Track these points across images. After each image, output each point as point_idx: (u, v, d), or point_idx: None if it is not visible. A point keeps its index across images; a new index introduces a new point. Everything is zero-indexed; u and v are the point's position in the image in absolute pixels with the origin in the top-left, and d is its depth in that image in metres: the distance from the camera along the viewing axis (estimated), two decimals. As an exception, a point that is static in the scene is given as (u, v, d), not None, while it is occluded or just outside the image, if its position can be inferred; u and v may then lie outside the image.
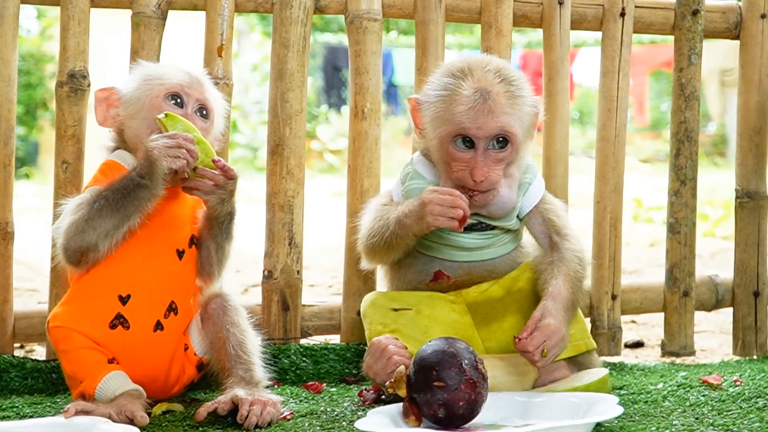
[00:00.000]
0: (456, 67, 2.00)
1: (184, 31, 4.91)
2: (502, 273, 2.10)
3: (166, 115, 1.91)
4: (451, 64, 2.04)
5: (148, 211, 1.89)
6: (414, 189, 2.08)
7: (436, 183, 2.06)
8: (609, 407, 1.67)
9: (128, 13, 2.33)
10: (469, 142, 1.96)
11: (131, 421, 1.77)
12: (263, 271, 2.39)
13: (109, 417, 1.76)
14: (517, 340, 1.86)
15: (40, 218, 6.11)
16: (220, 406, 1.84)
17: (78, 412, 1.76)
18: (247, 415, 1.80)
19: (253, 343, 2.00)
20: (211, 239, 2.03)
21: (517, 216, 2.09)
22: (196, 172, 1.90)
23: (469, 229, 2.04)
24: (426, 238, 2.07)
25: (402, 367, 1.71)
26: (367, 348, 2.02)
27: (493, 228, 2.07)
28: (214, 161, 1.91)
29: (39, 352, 2.69)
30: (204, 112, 2.05)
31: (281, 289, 2.38)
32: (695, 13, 2.55)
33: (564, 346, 1.90)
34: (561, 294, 1.95)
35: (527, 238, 2.18)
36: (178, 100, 2.02)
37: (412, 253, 2.11)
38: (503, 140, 1.96)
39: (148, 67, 2.11)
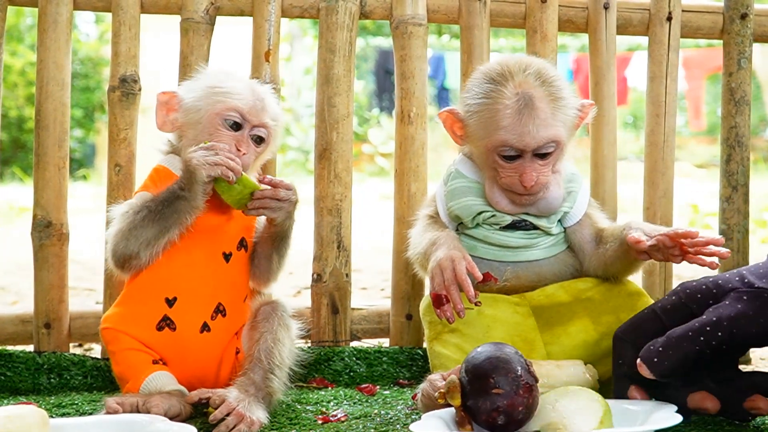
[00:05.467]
0: (495, 72, 1.99)
1: (233, 36, 4.97)
2: (551, 275, 2.08)
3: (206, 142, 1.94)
4: (489, 68, 2.03)
5: (188, 224, 1.92)
6: (456, 188, 2.09)
7: (478, 182, 2.07)
8: (668, 415, 1.63)
9: (178, 18, 2.38)
10: (514, 153, 1.97)
11: (173, 418, 1.79)
12: (312, 275, 2.42)
13: (136, 405, 1.79)
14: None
15: (97, 219, 6.21)
16: (212, 398, 1.82)
17: (115, 403, 1.79)
18: (219, 422, 1.78)
19: (283, 355, 1.98)
20: (274, 250, 2.06)
21: (559, 221, 2.09)
22: (255, 195, 1.93)
23: (514, 227, 2.04)
24: (471, 237, 2.08)
25: (454, 377, 1.68)
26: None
27: (536, 227, 2.06)
28: (261, 180, 1.94)
29: (97, 351, 2.75)
30: (259, 139, 2.05)
31: (330, 293, 2.41)
32: (744, 16, 2.52)
33: None
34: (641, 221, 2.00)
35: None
36: (235, 123, 2.02)
37: None
38: (549, 148, 1.97)
39: (215, 76, 2.10)
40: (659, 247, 1.85)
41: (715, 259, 1.81)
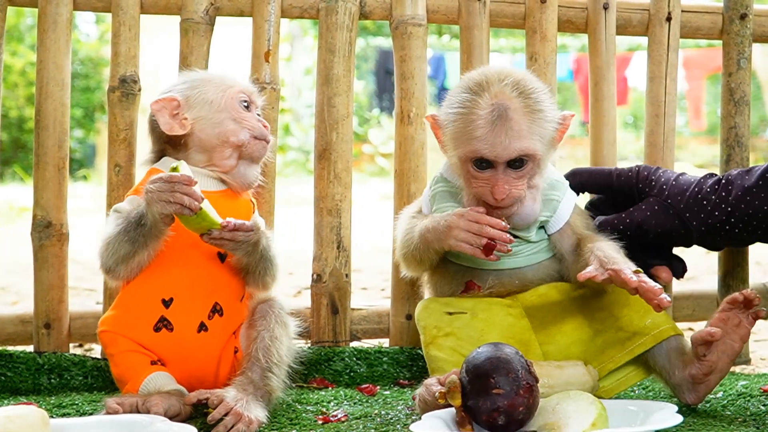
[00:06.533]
0: (473, 81, 1.97)
1: (233, 37, 4.97)
2: (536, 281, 2.08)
3: (175, 168, 1.87)
4: (470, 77, 2.00)
5: (158, 248, 1.93)
6: (439, 193, 2.09)
7: (460, 188, 2.06)
8: (668, 416, 1.63)
9: (178, 18, 2.38)
10: (487, 163, 1.94)
11: (172, 418, 1.79)
12: (312, 275, 2.42)
13: (136, 405, 1.80)
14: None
15: (97, 219, 6.19)
16: (210, 399, 1.82)
17: (115, 404, 1.79)
18: (217, 423, 1.78)
19: (281, 353, 1.98)
20: (250, 269, 2.04)
21: (542, 227, 2.07)
22: (213, 237, 1.90)
23: None
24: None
25: (454, 377, 1.69)
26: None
27: (516, 236, 2.04)
28: (222, 226, 1.89)
29: (97, 351, 2.75)
30: (259, 116, 2.14)
31: (330, 293, 2.41)
32: (743, 17, 2.53)
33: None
34: (605, 244, 1.97)
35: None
36: (246, 103, 2.10)
37: (444, 263, 2.11)
38: (523, 160, 1.94)
39: (200, 73, 2.15)
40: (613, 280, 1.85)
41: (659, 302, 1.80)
